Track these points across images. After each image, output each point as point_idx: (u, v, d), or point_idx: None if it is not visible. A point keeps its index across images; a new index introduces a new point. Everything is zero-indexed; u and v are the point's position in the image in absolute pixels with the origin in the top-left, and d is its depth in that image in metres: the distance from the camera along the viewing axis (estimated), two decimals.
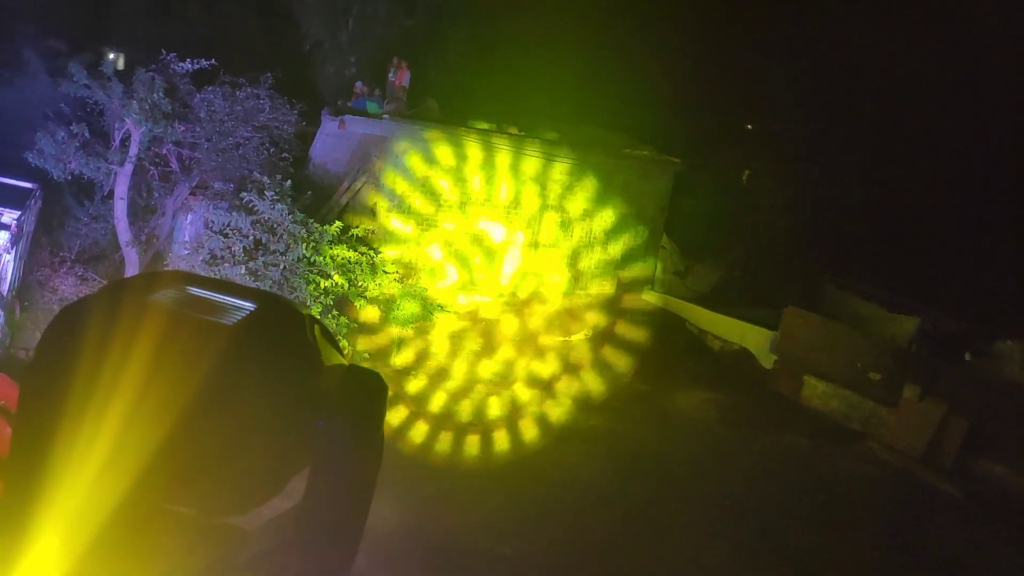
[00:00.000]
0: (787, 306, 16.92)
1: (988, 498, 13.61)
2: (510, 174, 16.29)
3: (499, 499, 11.20)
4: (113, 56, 16.56)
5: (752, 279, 19.65)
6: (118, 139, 12.93)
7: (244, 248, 12.82)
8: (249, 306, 2.34)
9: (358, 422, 2.48)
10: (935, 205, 18.59)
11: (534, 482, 11.92)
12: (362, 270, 13.52)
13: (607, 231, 17.51)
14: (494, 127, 16.67)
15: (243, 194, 12.89)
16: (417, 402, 14.14)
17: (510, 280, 16.87)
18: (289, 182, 13.37)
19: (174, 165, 13.69)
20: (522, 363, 16.01)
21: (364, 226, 14.52)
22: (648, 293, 18.41)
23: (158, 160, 13.61)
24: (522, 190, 16.46)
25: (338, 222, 13.72)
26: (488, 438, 13.35)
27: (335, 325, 13.01)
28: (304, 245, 12.98)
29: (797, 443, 14.68)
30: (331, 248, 13.28)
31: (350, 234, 13.74)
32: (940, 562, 11.57)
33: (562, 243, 17.18)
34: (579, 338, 17.28)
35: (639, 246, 18.00)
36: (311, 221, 13.24)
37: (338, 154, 15.47)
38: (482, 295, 16.60)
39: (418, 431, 13.06)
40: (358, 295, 13.55)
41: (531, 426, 14.03)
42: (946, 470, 14.26)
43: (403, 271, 15.04)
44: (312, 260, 13.11)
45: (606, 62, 19.10)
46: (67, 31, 15.22)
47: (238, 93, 13.50)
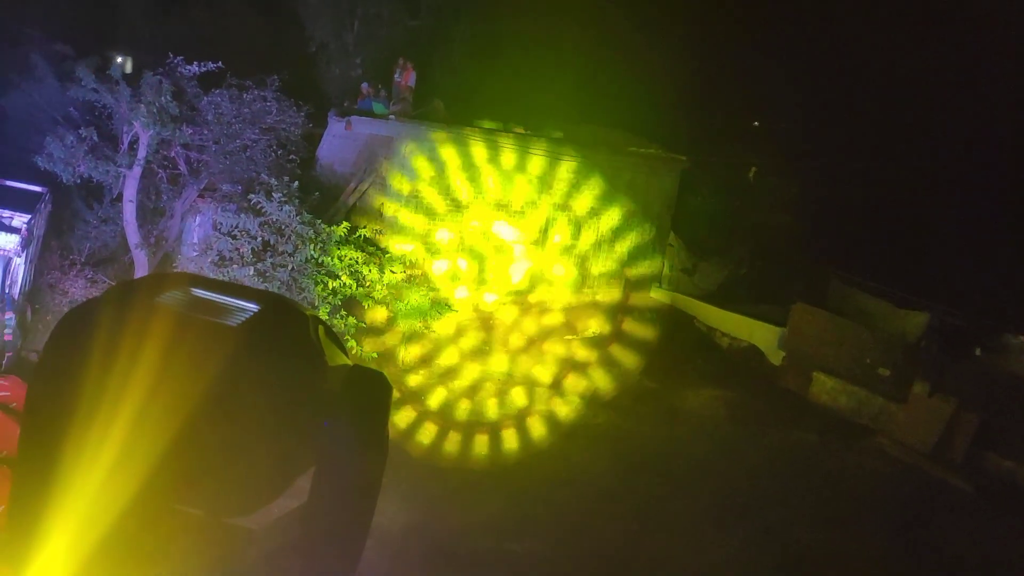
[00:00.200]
0: (795, 303, 16.88)
1: (998, 493, 13.55)
2: (517, 173, 16.27)
3: (506, 497, 11.22)
4: (120, 60, 16.64)
5: (759, 276, 19.58)
6: (126, 142, 13.01)
7: (252, 249, 12.87)
8: (253, 307, 2.36)
9: (363, 422, 2.49)
10: (940, 201, 18.52)
11: (541, 480, 11.94)
12: (369, 270, 13.55)
13: (614, 229, 17.49)
14: (500, 127, 16.66)
15: (251, 196, 12.93)
16: (424, 401, 14.17)
17: (518, 279, 16.86)
18: (296, 183, 13.39)
19: (182, 168, 13.75)
20: (530, 362, 16.02)
21: (371, 226, 14.54)
22: (656, 291, 18.37)
23: (166, 163, 13.68)
24: (529, 189, 16.45)
25: (345, 223, 13.73)
26: (495, 436, 13.37)
27: (343, 326, 13.03)
28: (312, 246, 13.01)
29: (806, 439, 14.64)
30: (339, 249, 13.31)
31: (357, 235, 13.76)
32: (950, 557, 11.51)
33: (569, 242, 17.17)
34: (587, 336, 17.28)
35: (646, 244, 17.97)
36: (319, 222, 13.26)
37: (345, 155, 15.50)
38: (490, 294, 16.61)
39: (425, 430, 13.09)
40: (366, 295, 13.57)
41: (538, 424, 14.04)
42: (956, 465, 14.21)
43: (411, 271, 15.06)
44: (320, 261, 13.15)
45: (611, 61, 19.08)
46: (74, 35, 15.30)
47: (245, 95, 13.56)
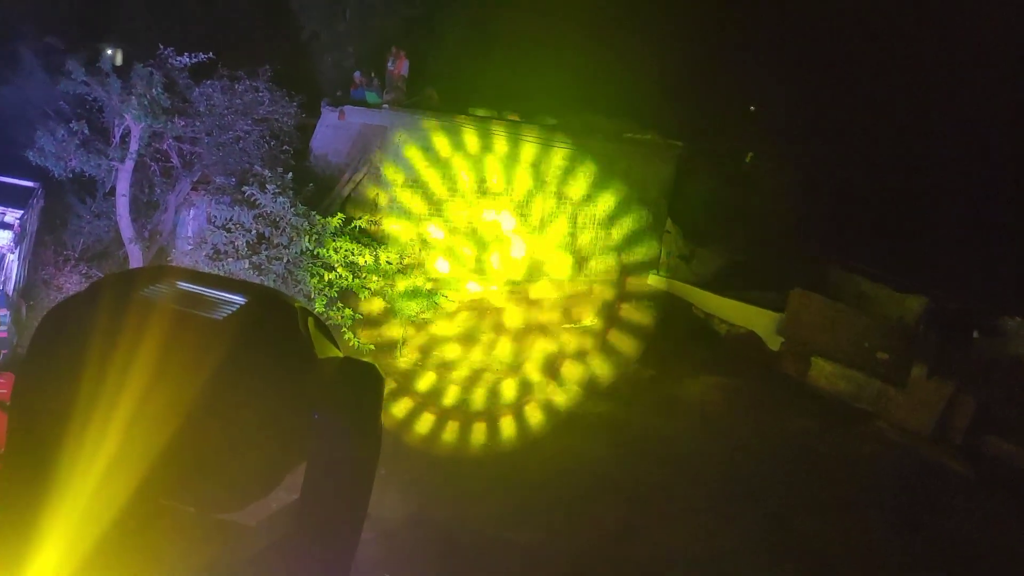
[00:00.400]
0: (793, 288, 16.84)
1: (998, 476, 13.57)
2: (511, 161, 16.22)
3: (505, 486, 11.23)
4: (111, 52, 16.49)
5: (757, 262, 19.54)
6: (118, 135, 12.92)
7: (247, 242, 12.83)
8: (240, 300, 2.31)
9: (354, 414, 2.45)
10: (938, 184, 18.47)
11: (540, 468, 11.94)
12: (365, 261, 13.50)
13: (611, 217, 17.44)
14: (494, 114, 16.60)
15: (245, 188, 12.87)
16: (422, 391, 14.15)
17: (514, 267, 16.82)
18: (290, 175, 13.34)
19: (175, 160, 13.67)
20: (527, 350, 16.00)
21: (366, 217, 14.49)
22: (653, 278, 18.34)
23: (159, 156, 13.60)
24: (524, 177, 16.39)
25: (340, 214, 13.68)
26: (493, 426, 13.37)
27: (340, 317, 13.00)
28: (307, 238, 12.96)
29: (805, 425, 14.64)
30: (334, 240, 13.26)
31: (352, 226, 13.70)
32: (950, 541, 11.54)
33: (566, 229, 17.12)
34: (584, 324, 17.25)
35: (643, 231, 17.92)
36: (313, 213, 13.21)
37: (338, 145, 15.44)
38: (486, 283, 16.57)
39: (424, 420, 13.08)
40: (362, 286, 13.53)
41: (536, 413, 14.03)
42: (955, 449, 14.22)
43: (406, 260, 15.02)
44: (315, 253, 13.10)
45: (605, 47, 18.96)
46: (63, 28, 15.17)
47: (237, 86, 13.47)
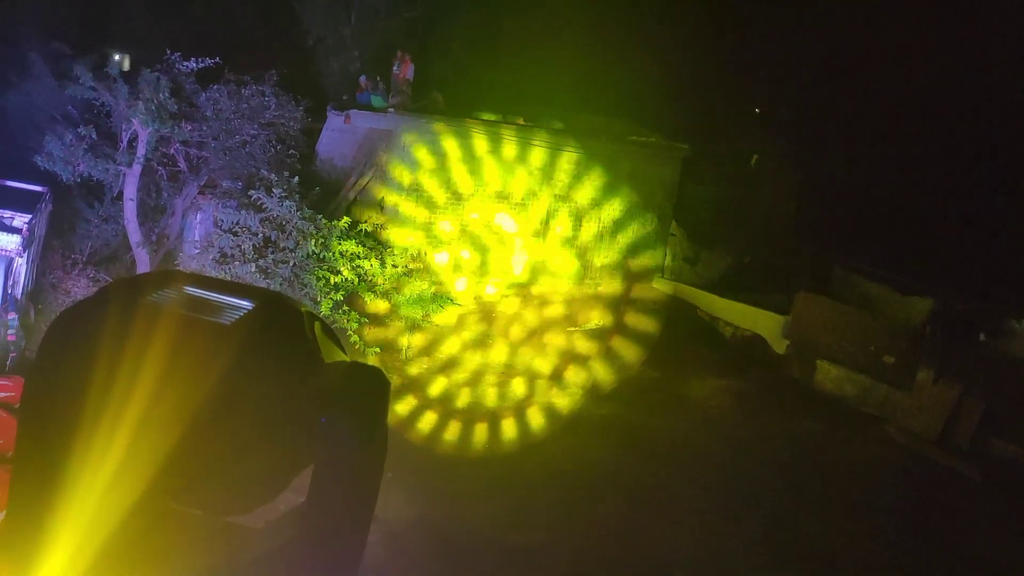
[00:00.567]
0: (797, 290, 16.80)
1: (1005, 479, 13.50)
2: (517, 164, 16.23)
3: (511, 489, 11.23)
4: (118, 57, 16.58)
5: (762, 264, 19.50)
6: (126, 140, 12.98)
7: (254, 246, 12.87)
8: (247, 305, 2.33)
9: (360, 418, 2.47)
10: (943, 186, 18.42)
11: (545, 471, 11.93)
12: (371, 264, 13.54)
13: (616, 219, 17.43)
14: (500, 118, 16.61)
15: (251, 192, 12.91)
16: (428, 393, 14.17)
17: (519, 270, 16.84)
18: (296, 179, 13.38)
19: (182, 165, 13.73)
20: (531, 353, 16.00)
21: (372, 220, 14.52)
22: (658, 281, 18.31)
23: (166, 160, 13.66)
24: (530, 180, 16.40)
25: (346, 217, 13.72)
26: (498, 427, 13.37)
27: (346, 320, 13.03)
28: (313, 241, 13.00)
29: (811, 428, 14.59)
30: (340, 243, 13.30)
31: (358, 229, 13.74)
32: (957, 544, 11.50)
33: (571, 233, 17.13)
34: (589, 327, 17.25)
35: (648, 234, 17.91)
36: (319, 217, 13.25)
37: (344, 149, 15.48)
38: (492, 285, 16.59)
39: (429, 422, 13.10)
40: (368, 289, 13.57)
41: (541, 415, 14.03)
42: (962, 452, 14.15)
43: (412, 264, 15.05)
44: (322, 256, 13.14)
45: (610, 50, 18.97)
46: (71, 33, 15.23)
47: (243, 91, 13.52)
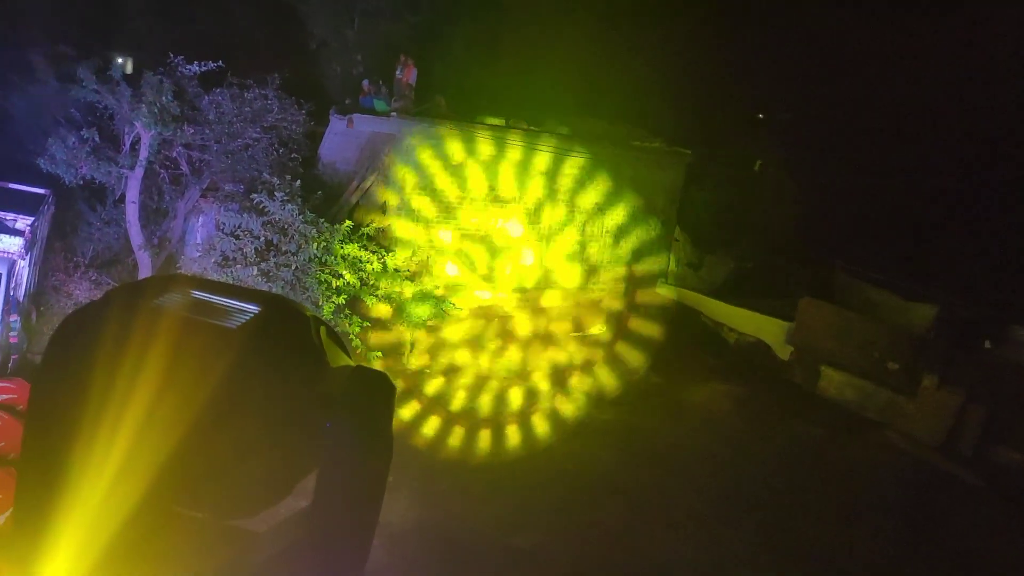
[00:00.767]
0: (802, 296, 16.79)
1: (1008, 486, 13.48)
2: (520, 169, 16.21)
3: (514, 492, 11.20)
4: (121, 60, 16.62)
5: (765, 270, 19.50)
6: (128, 143, 12.98)
7: (256, 249, 12.86)
8: (253, 309, 2.32)
9: (366, 423, 2.46)
10: (947, 192, 18.42)
11: (547, 475, 11.91)
12: (373, 268, 13.53)
13: (620, 225, 17.42)
14: (503, 122, 16.60)
15: (253, 195, 12.90)
16: (431, 398, 14.15)
17: (523, 275, 16.82)
18: (299, 182, 13.37)
19: (184, 168, 13.72)
20: (536, 358, 15.99)
21: (375, 224, 14.52)
22: (662, 286, 18.30)
23: (168, 163, 13.65)
24: (533, 185, 16.38)
25: (348, 221, 13.71)
26: (501, 432, 13.34)
27: (348, 324, 13.02)
28: (315, 245, 12.99)
29: (814, 434, 14.58)
30: (342, 247, 13.29)
31: (361, 232, 13.73)
32: (959, 550, 11.46)
33: (575, 237, 17.11)
34: (593, 333, 17.23)
35: (652, 239, 17.90)
36: (322, 221, 13.23)
37: (347, 153, 15.47)
38: (495, 291, 16.57)
39: (432, 426, 13.07)
40: (370, 293, 13.55)
41: (544, 420, 14.01)
42: (965, 458, 14.14)
43: (415, 268, 15.04)
44: (324, 260, 13.13)
45: (614, 55, 19.00)
46: (75, 36, 15.28)
47: (246, 94, 13.52)
